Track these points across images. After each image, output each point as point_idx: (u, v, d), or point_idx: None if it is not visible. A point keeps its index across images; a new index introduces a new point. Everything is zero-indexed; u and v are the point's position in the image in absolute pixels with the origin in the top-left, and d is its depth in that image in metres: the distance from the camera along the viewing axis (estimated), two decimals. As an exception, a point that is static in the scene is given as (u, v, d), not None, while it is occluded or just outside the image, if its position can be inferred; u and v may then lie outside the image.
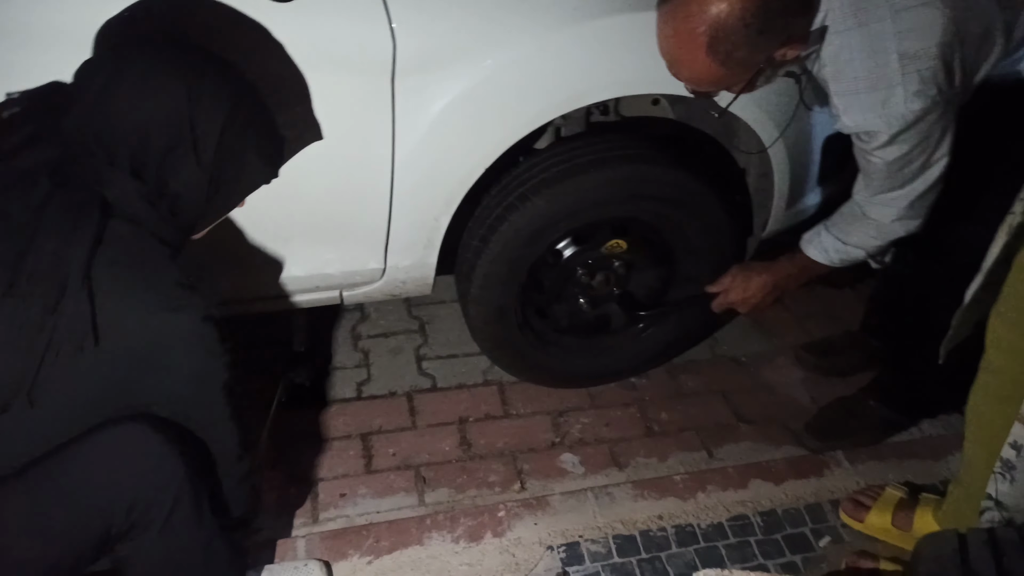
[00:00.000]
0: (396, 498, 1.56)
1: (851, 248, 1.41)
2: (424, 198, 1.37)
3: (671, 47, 1.12)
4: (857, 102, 1.16)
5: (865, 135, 1.20)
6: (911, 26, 1.10)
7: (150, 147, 0.91)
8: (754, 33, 1.07)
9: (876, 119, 1.16)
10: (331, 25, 1.19)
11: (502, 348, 1.67)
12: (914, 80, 1.12)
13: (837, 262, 1.45)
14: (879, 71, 1.13)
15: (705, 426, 1.78)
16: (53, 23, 1.06)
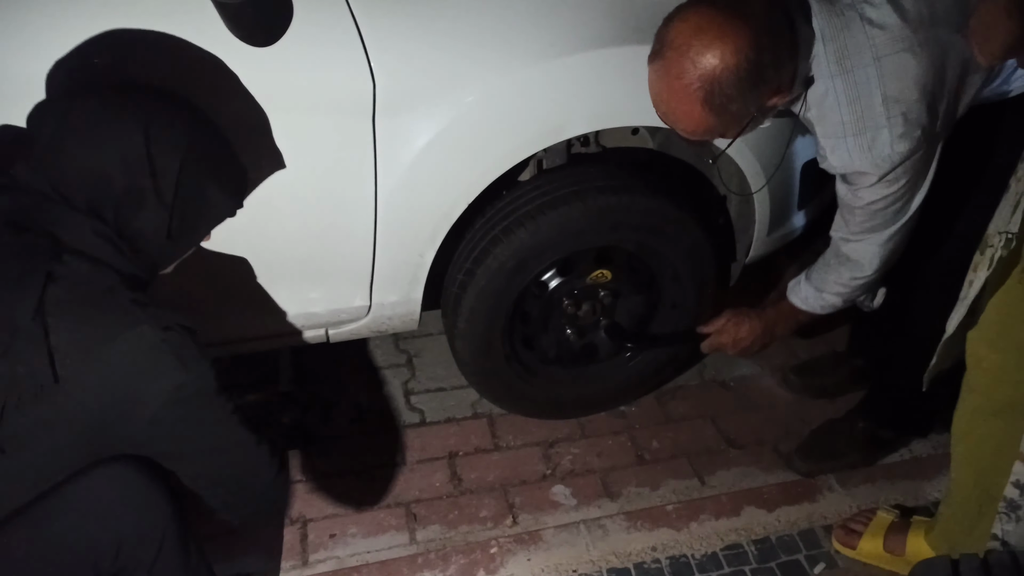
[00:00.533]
0: (387, 537, 1.54)
1: (828, 295, 1.43)
2: (408, 235, 1.37)
3: (666, 102, 1.13)
4: (844, 145, 1.19)
5: (852, 176, 1.23)
6: (892, 70, 1.14)
7: (108, 189, 0.90)
8: (748, 87, 1.10)
9: (863, 162, 1.19)
10: (311, 68, 1.20)
11: (489, 380, 1.67)
12: (899, 122, 1.15)
13: (818, 309, 1.46)
14: (864, 115, 1.16)
15: (696, 452, 1.77)
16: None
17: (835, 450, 1.72)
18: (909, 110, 1.15)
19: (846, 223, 1.32)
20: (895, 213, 1.27)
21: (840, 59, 1.15)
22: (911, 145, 1.17)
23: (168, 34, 1.13)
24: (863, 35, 1.13)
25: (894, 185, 1.22)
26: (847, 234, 1.33)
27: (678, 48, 1.08)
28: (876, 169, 1.19)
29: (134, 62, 1.12)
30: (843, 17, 1.14)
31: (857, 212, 1.28)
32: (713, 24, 1.06)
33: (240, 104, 1.16)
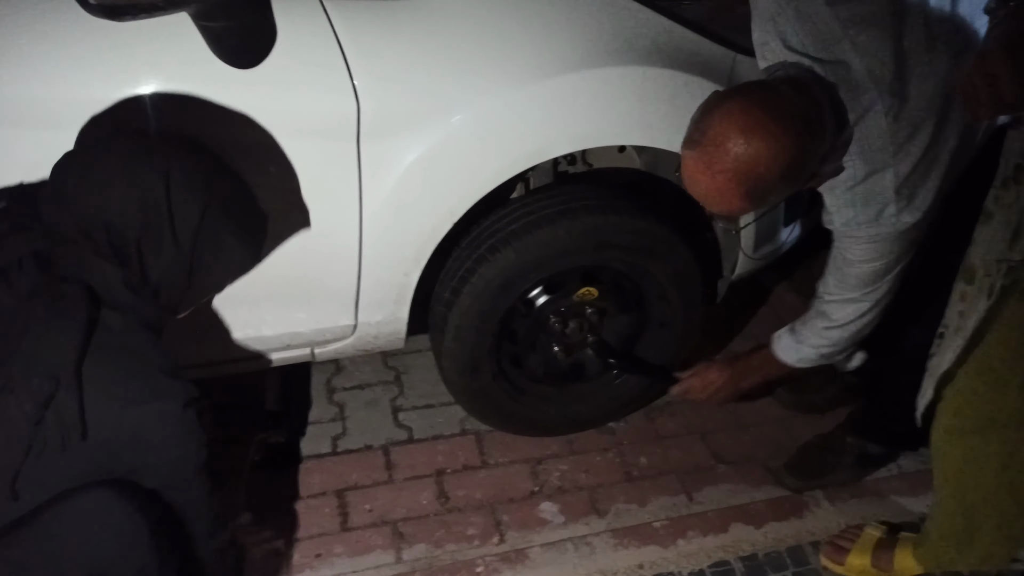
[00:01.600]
0: (373, 556, 1.54)
1: (805, 348, 1.45)
2: (393, 255, 1.38)
3: (704, 188, 1.13)
4: (851, 211, 1.22)
5: (850, 238, 1.26)
6: (906, 155, 1.18)
7: (128, 235, 0.93)
8: (788, 181, 1.12)
9: (868, 228, 1.23)
10: (295, 91, 1.20)
11: (477, 399, 1.67)
12: (905, 198, 1.20)
13: (794, 361, 1.49)
14: (876, 191, 1.20)
15: (684, 469, 1.77)
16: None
17: (824, 466, 1.72)
18: (918, 186, 1.20)
19: (836, 283, 1.34)
20: (884, 274, 1.30)
21: (860, 140, 1.17)
22: (917, 217, 1.22)
23: (153, 58, 1.14)
24: (883, 119, 1.16)
25: (889, 249, 1.25)
26: (836, 293, 1.36)
27: (722, 143, 1.07)
28: (876, 235, 1.23)
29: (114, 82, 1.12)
30: (861, 102, 1.16)
31: (847, 272, 1.31)
32: (762, 124, 1.06)
33: (224, 127, 1.16)
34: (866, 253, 1.26)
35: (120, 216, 0.92)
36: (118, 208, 0.92)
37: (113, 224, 0.92)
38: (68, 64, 1.11)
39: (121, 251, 0.93)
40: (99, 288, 0.92)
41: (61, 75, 1.10)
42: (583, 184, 1.59)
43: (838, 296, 1.35)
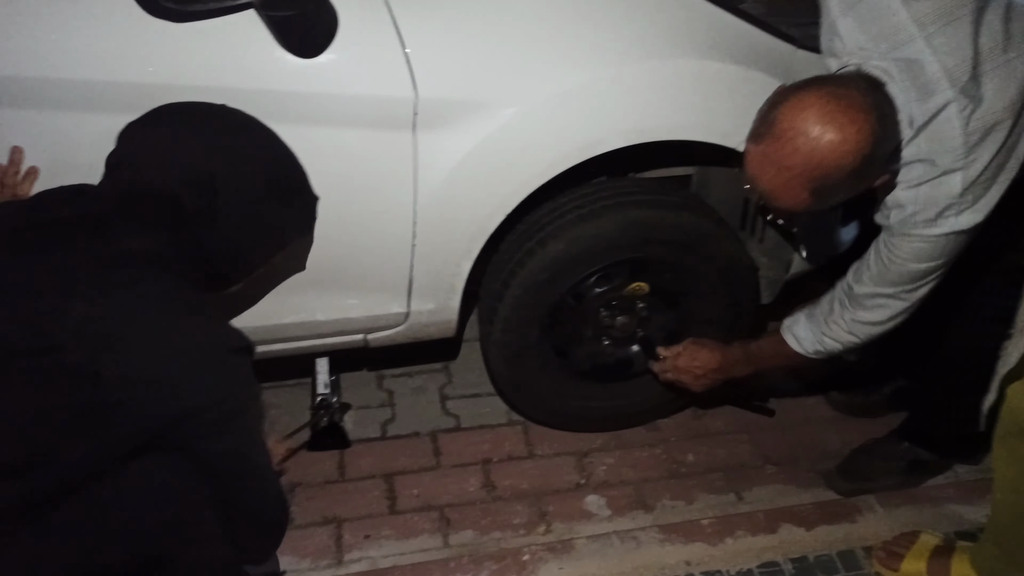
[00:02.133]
0: (420, 540, 1.56)
1: (829, 340, 1.38)
2: (446, 245, 1.39)
3: (769, 182, 1.11)
4: (913, 208, 1.18)
5: (904, 236, 1.21)
6: (975, 158, 1.13)
7: (184, 205, 0.94)
8: (856, 179, 1.09)
9: (924, 228, 1.18)
10: (354, 80, 1.23)
11: (522, 391, 1.68)
12: (969, 201, 1.15)
13: (810, 352, 1.41)
14: (940, 193, 1.15)
15: (732, 467, 1.75)
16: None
17: (876, 471, 1.68)
18: (985, 189, 1.15)
19: (872, 273, 1.28)
20: (928, 272, 1.25)
21: (931, 141, 1.13)
22: (979, 219, 1.17)
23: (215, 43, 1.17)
24: (958, 120, 1.11)
25: (943, 250, 1.21)
26: (868, 283, 1.29)
27: (792, 138, 1.05)
28: (931, 235, 1.18)
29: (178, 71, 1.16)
30: (934, 101, 1.11)
31: (890, 267, 1.25)
32: (832, 118, 1.04)
33: (284, 114, 1.18)
34: (915, 253, 1.21)
35: (177, 186, 0.93)
36: (176, 178, 0.93)
37: (169, 194, 0.93)
38: (135, 53, 1.15)
39: (176, 221, 0.95)
40: (152, 254, 0.94)
41: (129, 63, 1.15)
42: (631, 180, 1.58)
43: (870, 289, 1.29)
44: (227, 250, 0.99)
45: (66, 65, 1.14)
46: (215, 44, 1.18)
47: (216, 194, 0.95)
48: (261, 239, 1.02)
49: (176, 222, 0.95)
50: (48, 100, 1.15)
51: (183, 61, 1.17)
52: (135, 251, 0.93)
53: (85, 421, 0.88)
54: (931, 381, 1.61)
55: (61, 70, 1.14)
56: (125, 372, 0.88)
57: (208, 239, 0.97)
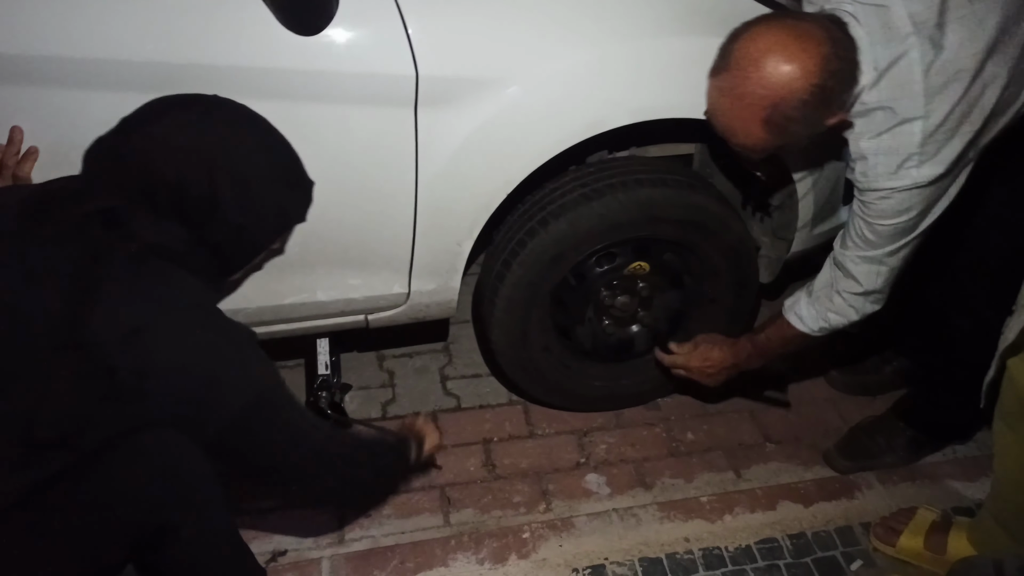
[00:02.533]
0: (421, 518, 1.57)
1: (832, 315, 1.37)
2: (447, 224, 1.38)
3: (725, 115, 1.13)
4: (874, 161, 1.17)
5: (871, 191, 1.21)
6: (939, 103, 1.12)
7: (189, 195, 0.96)
8: (811, 110, 1.09)
9: (887, 180, 1.17)
10: (355, 59, 1.21)
11: (525, 371, 1.68)
12: (932, 150, 1.14)
13: (816, 330, 1.40)
14: (901, 140, 1.14)
15: (732, 446, 1.76)
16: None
17: (875, 449, 1.70)
18: (946, 140, 1.14)
19: (853, 236, 1.28)
20: (903, 231, 1.24)
21: (892, 87, 1.12)
22: (939, 171, 1.16)
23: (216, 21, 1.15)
24: (919, 66, 1.10)
25: (909, 205, 1.19)
26: (852, 248, 1.29)
27: (744, 67, 1.07)
28: (895, 188, 1.17)
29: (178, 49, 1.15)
30: (902, 45, 1.11)
31: (866, 228, 1.25)
32: (784, 46, 1.05)
33: (284, 93, 1.18)
34: (883, 209, 1.20)
35: (181, 176, 0.95)
36: (179, 168, 0.95)
37: (174, 184, 0.95)
38: (133, 31, 1.13)
39: (182, 211, 0.96)
40: (167, 248, 0.96)
41: (127, 41, 1.13)
42: (635, 157, 1.57)
43: (855, 254, 1.28)
44: (231, 236, 1.00)
45: (64, 43, 1.12)
46: (215, 21, 1.16)
47: (219, 181, 0.96)
48: (264, 223, 1.03)
49: (184, 212, 0.96)
50: (45, 78, 1.13)
51: (183, 39, 1.15)
52: (152, 246, 0.95)
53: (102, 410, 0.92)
54: (933, 365, 1.62)
55: (59, 48, 1.12)
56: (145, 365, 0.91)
57: (213, 226, 0.98)
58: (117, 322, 0.90)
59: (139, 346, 0.90)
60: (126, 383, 0.90)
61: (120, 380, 0.90)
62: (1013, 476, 1.30)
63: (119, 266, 0.93)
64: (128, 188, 0.95)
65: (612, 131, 1.34)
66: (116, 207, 0.94)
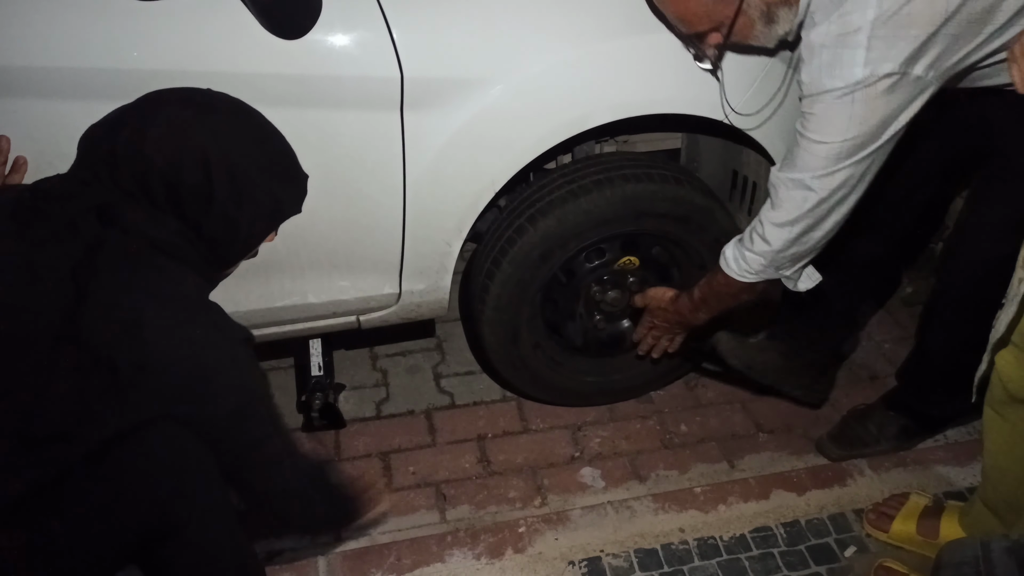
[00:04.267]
0: (417, 516, 1.59)
1: (750, 255, 1.29)
2: (436, 224, 1.39)
3: None
4: (817, 55, 1.10)
5: (809, 97, 1.13)
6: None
7: (183, 189, 0.96)
8: None
9: (827, 77, 1.09)
10: (339, 62, 1.22)
11: (516, 369, 1.69)
12: (880, 46, 1.05)
13: (742, 274, 1.32)
14: (846, 31, 1.06)
15: (725, 436, 1.78)
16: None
17: (866, 436, 1.71)
18: (897, 38, 1.05)
19: (788, 157, 1.20)
20: (844, 151, 1.13)
21: None
22: (887, 69, 1.06)
23: (199, 28, 1.16)
24: None
25: (847, 115, 1.09)
26: (784, 169, 1.21)
27: None
28: (836, 88, 1.08)
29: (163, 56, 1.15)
30: None
31: (801, 145, 1.16)
32: None
33: (270, 96, 1.18)
34: (820, 120, 1.11)
35: (176, 170, 0.95)
36: (173, 161, 0.95)
37: (169, 178, 0.95)
38: (118, 39, 1.14)
39: (177, 204, 0.97)
40: (162, 242, 0.97)
41: (112, 50, 1.14)
42: (621, 153, 1.58)
43: (784, 175, 1.20)
44: (227, 229, 1.00)
45: (49, 53, 1.13)
46: (198, 28, 1.16)
47: (214, 174, 0.96)
48: (258, 215, 1.03)
49: (179, 205, 0.97)
50: (32, 88, 1.13)
51: (168, 46, 1.15)
52: (147, 239, 0.95)
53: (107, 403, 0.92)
54: (924, 355, 1.63)
55: (44, 58, 1.13)
56: (142, 356, 0.91)
57: (208, 219, 0.99)
58: (115, 315, 0.90)
59: (137, 339, 0.91)
60: (126, 376, 0.90)
61: (120, 373, 0.90)
62: (1001, 463, 1.31)
63: (116, 260, 0.93)
64: (123, 183, 0.95)
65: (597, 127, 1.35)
66: (111, 202, 0.95)
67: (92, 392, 0.91)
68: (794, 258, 1.29)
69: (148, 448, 0.99)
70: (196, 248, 1.00)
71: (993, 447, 1.32)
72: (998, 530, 1.40)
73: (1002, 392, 1.24)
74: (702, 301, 1.43)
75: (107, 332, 0.90)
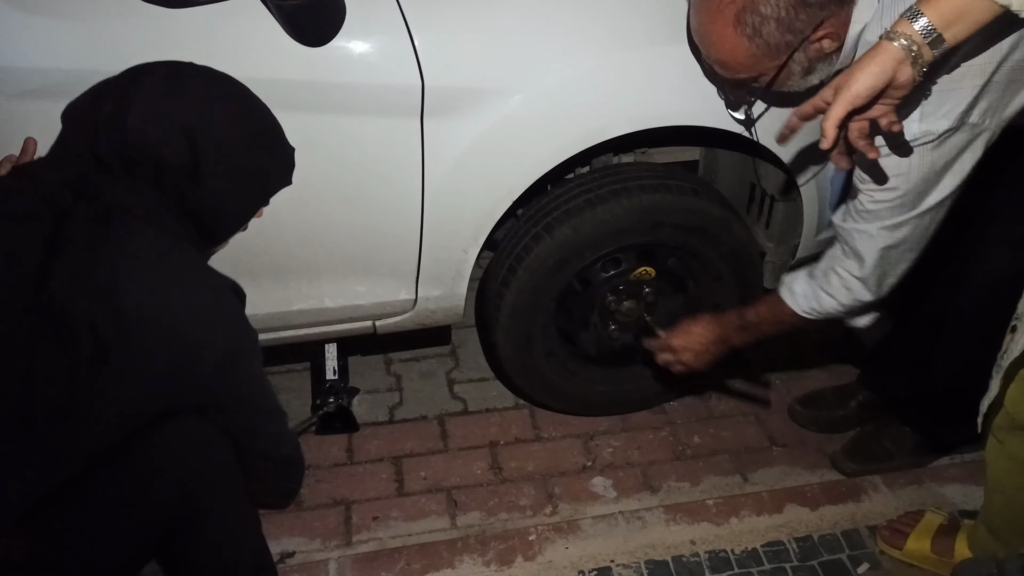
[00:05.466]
0: (428, 521, 1.59)
1: (825, 297, 1.30)
2: (453, 232, 1.40)
3: (700, 23, 1.12)
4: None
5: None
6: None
7: (166, 161, 0.94)
8: (783, 9, 1.05)
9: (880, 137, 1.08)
10: (362, 69, 1.23)
11: (529, 376, 1.69)
12: (935, 100, 1.05)
13: (807, 311, 1.33)
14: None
15: (738, 449, 1.77)
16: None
17: (881, 452, 1.70)
18: (954, 91, 1.04)
19: (852, 208, 1.20)
20: (907, 202, 1.14)
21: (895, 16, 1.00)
22: (946, 126, 1.06)
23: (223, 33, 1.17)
24: None
25: (906, 170, 1.10)
26: (849, 220, 1.21)
27: None
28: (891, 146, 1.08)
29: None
30: None
31: (863, 197, 1.16)
32: None
33: (288, 103, 1.19)
34: (878, 173, 1.11)
35: (159, 142, 0.94)
36: (157, 134, 0.94)
37: (152, 150, 0.94)
38: (142, 43, 1.15)
39: (159, 176, 0.95)
40: (141, 210, 0.95)
41: (137, 54, 1.15)
42: (638, 164, 1.58)
43: (851, 224, 1.21)
44: (213, 203, 0.99)
45: (74, 56, 1.14)
46: (223, 33, 1.18)
47: (197, 147, 0.95)
48: (245, 190, 1.02)
49: (160, 178, 0.95)
50: (56, 91, 1.15)
51: (191, 50, 1.16)
52: (124, 208, 0.94)
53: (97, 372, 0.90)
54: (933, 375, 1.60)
55: (68, 61, 1.14)
56: (121, 320, 0.90)
57: (193, 193, 0.97)
58: (88, 282, 0.89)
59: (113, 302, 0.89)
60: (108, 340, 0.89)
61: (101, 337, 0.89)
62: (1003, 488, 1.30)
63: (86, 228, 0.91)
64: (104, 158, 0.93)
65: (615, 138, 1.35)
66: (87, 174, 0.93)
67: (79, 363, 0.89)
68: (867, 307, 1.31)
69: (173, 436, 0.99)
70: (179, 221, 0.98)
71: (994, 472, 1.31)
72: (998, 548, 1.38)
73: (1005, 418, 1.22)
74: (755, 325, 1.42)
75: (81, 301, 0.89)
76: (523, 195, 1.39)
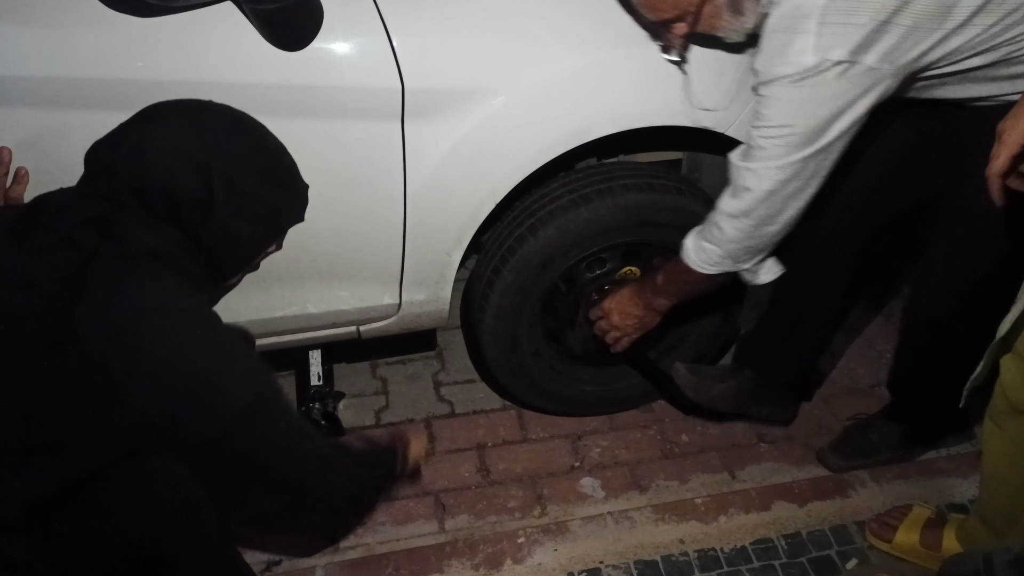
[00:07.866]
0: (416, 525, 1.58)
1: (708, 246, 1.29)
2: (436, 235, 1.39)
3: None
4: (768, 41, 1.09)
5: (760, 85, 1.13)
6: None
7: (182, 200, 0.96)
8: None
9: (776, 63, 1.08)
10: (341, 73, 1.22)
11: (515, 377, 1.68)
12: (830, 33, 1.04)
13: (701, 265, 1.32)
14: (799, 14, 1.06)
15: (726, 447, 1.77)
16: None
17: (868, 446, 1.70)
18: (847, 25, 1.03)
19: (746, 146, 1.19)
20: (794, 142, 1.12)
21: None
22: (840, 56, 1.05)
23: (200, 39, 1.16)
24: None
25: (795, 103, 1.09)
26: (741, 158, 1.20)
27: None
28: (786, 74, 1.07)
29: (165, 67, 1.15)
30: None
31: (753, 136, 1.16)
32: None
33: (270, 108, 1.17)
34: (772, 107, 1.10)
35: (174, 180, 0.95)
36: (173, 172, 0.95)
37: (167, 188, 0.95)
38: (120, 50, 1.14)
39: (176, 215, 0.96)
40: (158, 251, 0.96)
41: (114, 60, 1.14)
42: (622, 163, 1.58)
43: (736, 163, 1.20)
44: (226, 239, 1.00)
45: (51, 63, 1.13)
46: (200, 39, 1.16)
47: (212, 184, 0.96)
48: (258, 225, 1.03)
49: (177, 215, 0.97)
50: (34, 99, 1.14)
51: (169, 56, 1.15)
52: (143, 247, 0.95)
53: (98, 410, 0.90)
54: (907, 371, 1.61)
55: (46, 68, 1.13)
56: (135, 364, 0.89)
57: (207, 230, 0.98)
58: (105, 319, 0.89)
59: (131, 343, 0.89)
60: (118, 381, 0.89)
61: (113, 378, 0.89)
62: (1000, 475, 1.31)
63: (111, 267, 0.92)
64: (123, 196, 0.95)
65: (599, 140, 1.34)
66: (109, 213, 0.94)
67: (88, 398, 0.89)
68: (750, 251, 1.30)
69: (140, 477, 0.96)
70: (195, 260, 0.99)
71: (992, 458, 1.31)
72: (992, 544, 1.39)
73: (1003, 402, 1.23)
74: (664, 285, 1.44)
75: (100, 338, 0.89)
76: (507, 197, 1.38)
